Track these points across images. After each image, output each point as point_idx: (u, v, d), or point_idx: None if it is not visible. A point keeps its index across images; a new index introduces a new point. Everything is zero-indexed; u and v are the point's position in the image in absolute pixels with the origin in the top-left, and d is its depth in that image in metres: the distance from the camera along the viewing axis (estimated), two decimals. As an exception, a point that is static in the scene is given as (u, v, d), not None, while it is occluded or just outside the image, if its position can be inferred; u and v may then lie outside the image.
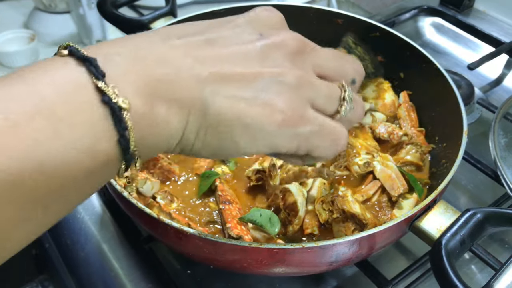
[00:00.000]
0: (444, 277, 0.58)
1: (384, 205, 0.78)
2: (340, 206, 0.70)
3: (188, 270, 0.77)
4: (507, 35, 1.29)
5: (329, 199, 0.71)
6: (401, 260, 0.80)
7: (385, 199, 0.79)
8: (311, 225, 0.72)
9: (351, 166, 0.77)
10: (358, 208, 0.70)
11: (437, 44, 1.32)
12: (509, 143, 0.88)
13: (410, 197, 0.79)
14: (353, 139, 0.81)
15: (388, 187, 0.78)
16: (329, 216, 0.71)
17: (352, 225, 0.70)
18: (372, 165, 0.78)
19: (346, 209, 0.70)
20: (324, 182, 0.77)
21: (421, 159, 0.84)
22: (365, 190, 0.78)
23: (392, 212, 0.77)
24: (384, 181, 0.78)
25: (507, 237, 0.84)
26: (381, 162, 0.79)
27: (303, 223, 0.72)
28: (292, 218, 0.71)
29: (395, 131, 0.87)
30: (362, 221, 0.69)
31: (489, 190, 0.92)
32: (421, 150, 0.84)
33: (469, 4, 1.41)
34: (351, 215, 0.70)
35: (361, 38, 1.02)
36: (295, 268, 0.64)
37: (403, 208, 0.77)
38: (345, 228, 0.70)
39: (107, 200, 0.87)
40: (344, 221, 0.71)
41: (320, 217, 0.71)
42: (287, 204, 0.71)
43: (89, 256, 0.79)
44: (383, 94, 0.95)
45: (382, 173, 0.78)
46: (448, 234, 0.62)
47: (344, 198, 0.71)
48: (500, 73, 1.21)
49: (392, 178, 0.78)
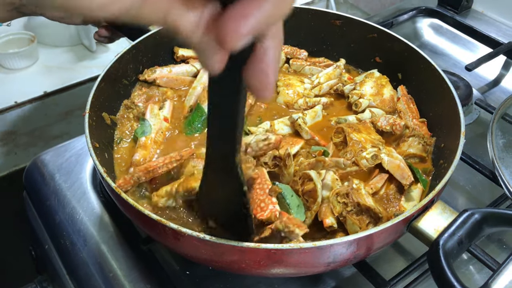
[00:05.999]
0: (442, 277, 0.59)
1: (392, 197, 0.78)
2: (355, 199, 0.70)
3: (187, 271, 0.77)
4: (505, 36, 1.30)
5: (344, 191, 0.71)
6: (399, 260, 0.80)
7: (392, 191, 0.79)
8: (329, 213, 0.70)
9: (359, 161, 0.77)
10: (371, 201, 0.70)
11: (435, 45, 1.32)
12: (507, 143, 0.88)
13: (416, 187, 0.79)
14: (357, 134, 0.81)
15: (399, 177, 0.78)
16: (343, 209, 0.70)
17: (367, 218, 0.70)
18: (379, 157, 0.78)
19: (361, 202, 0.69)
20: (336, 177, 0.77)
21: (424, 150, 0.84)
22: (373, 183, 0.78)
23: (400, 203, 0.77)
24: (394, 171, 0.78)
25: (505, 237, 0.84)
26: (387, 154, 0.79)
27: (319, 212, 0.71)
28: (311, 204, 0.71)
29: (396, 121, 0.87)
30: (378, 214, 0.69)
31: (487, 190, 0.92)
32: (424, 141, 0.84)
33: (467, 5, 1.41)
34: (366, 208, 0.70)
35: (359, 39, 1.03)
36: (293, 268, 0.65)
37: (412, 198, 0.77)
38: (360, 221, 0.70)
39: (106, 202, 0.87)
40: (358, 214, 0.70)
41: (334, 209, 0.70)
42: (306, 190, 0.71)
43: (88, 257, 0.80)
44: (381, 90, 0.95)
45: (390, 163, 0.78)
46: (445, 234, 0.62)
47: (358, 191, 0.71)
48: (498, 74, 1.22)
49: (401, 168, 0.78)
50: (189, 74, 0.98)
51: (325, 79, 0.99)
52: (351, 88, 0.96)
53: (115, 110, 0.89)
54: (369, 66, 1.03)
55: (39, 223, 0.90)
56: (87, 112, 0.76)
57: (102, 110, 0.84)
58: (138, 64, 0.95)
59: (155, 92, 0.93)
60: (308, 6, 1.06)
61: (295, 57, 1.06)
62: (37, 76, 1.25)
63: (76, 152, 0.95)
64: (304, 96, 0.94)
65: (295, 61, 1.04)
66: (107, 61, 0.86)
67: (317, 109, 0.92)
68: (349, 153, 0.78)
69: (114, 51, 1.29)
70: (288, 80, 0.98)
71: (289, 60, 1.05)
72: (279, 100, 0.95)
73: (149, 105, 0.88)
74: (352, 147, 0.79)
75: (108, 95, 0.85)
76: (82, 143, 0.97)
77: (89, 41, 1.32)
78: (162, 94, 0.94)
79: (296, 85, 0.96)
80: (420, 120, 0.90)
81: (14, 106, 1.15)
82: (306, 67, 1.03)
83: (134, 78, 0.94)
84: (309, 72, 1.03)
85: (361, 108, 0.93)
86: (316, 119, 0.91)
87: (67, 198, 0.87)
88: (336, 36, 1.05)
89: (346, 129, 0.82)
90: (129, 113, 0.89)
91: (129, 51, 0.91)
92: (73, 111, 1.25)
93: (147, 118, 0.86)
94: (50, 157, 0.95)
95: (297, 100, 0.94)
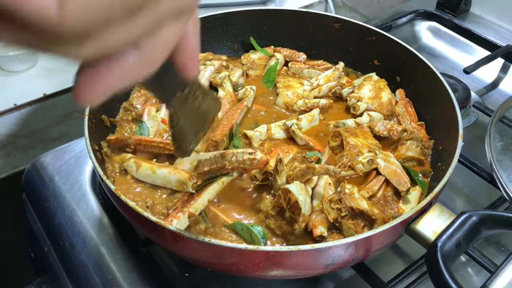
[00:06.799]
0: (440, 279, 0.59)
1: (390, 199, 0.78)
2: (348, 203, 0.70)
3: (186, 273, 0.77)
4: (503, 39, 1.30)
5: (337, 198, 0.71)
6: (398, 262, 0.80)
7: (390, 193, 0.79)
8: (319, 222, 0.71)
9: (355, 165, 0.77)
10: (365, 205, 0.71)
11: (434, 48, 1.33)
12: (505, 146, 0.89)
13: (414, 189, 0.79)
14: (354, 139, 0.82)
15: (396, 183, 0.78)
16: (337, 215, 0.71)
17: (362, 221, 0.70)
18: (375, 162, 0.78)
19: (354, 206, 0.70)
20: (330, 182, 0.77)
21: (422, 153, 0.84)
22: (370, 186, 0.78)
23: (398, 205, 0.77)
24: (390, 177, 0.79)
25: (503, 239, 0.84)
26: (383, 159, 0.80)
27: (309, 221, 0.72)
28: (297, 216, 0.71)
29: (394, 127, 0.87)
30: (371, 217, 0.69)
31: (484, 193, 0.92)
32: (422, 144, 0.84)
33: (466, 9, 1.42)
34: (359, 212, 0.70)
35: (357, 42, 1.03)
36: (292, 270, 0.65)
37: (410, 200, 0.78)
38: (355, 225, 0.70)
39: (105, 204, 0.87)
40: (353, 219, 0.71)
41: (329, 216, 0.71)
42: (291, 203, 0.71)
43: (87, 259, 0.80)
44: (379, 93, 0.95)
45: (386, 169, 0.79)
46: (443, 236, 0.62)
47: (351, 195, 0.71)
48: (496, 77, 1.22)
49: (398, 174, 0.78)
50: (188, 76, 0.98)
51: (324, 81, 0.99)
52: (349, 91, 0.96)
53: (115, 113, 0.89)
54: (367, 69, 1.03)
55: (39, 225, 0.90)
56: (86, 115, 0.77)
57: (102, 112, 0.84)
58: (138, 66, 0.95)
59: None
60: (307, 9, 1.06)
61: (294, 60, 1.06)
62: (37, 78, 1.25)
63: (75, 154, 0.96)
64: (303, 97, 0.95)
65: (294, 64, 1.05)
66: (107, 64, 0.86)
67: (314, 113, 0.92)
68: (345, 157, 0.79)
69: (114, 54, 1.29)
70: (288, 81, 0.98)
71: (288, 63, 1.06)
72: (278, 101, 0.96)
73: (146, 108, 0.89)
74: (349, 151, 0.79)
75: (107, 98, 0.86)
76: (81, 145, 0.97)
77: (89, 44, 1.32)
78: (161, 96, 0.94)
79: (295, 87, 0.97)
80: (418, 123, 0.91)
81: (14, 108, 1.15)
82: (304, 70, 1.04)
83: (133, 80, 0.95)
84: (308, 75, 1.04)
85: (359, 111, 0.93)
86: (313, 123, 0.92)
87: (66, 200, 0.87)
88: (335, 39, 1.06)
89: (343, 133, 0.83)
90: (128, 115, 0.89)
91: (129, 53, 0.91)
92: (72, 113, 1.25)
93: (145, 120, 0.87)
94: (50, 159, 0.95)
95: (297, 101, 0.94)
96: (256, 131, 0.86)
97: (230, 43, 1.09)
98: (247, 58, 1.05)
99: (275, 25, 1.06)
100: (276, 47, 1.08)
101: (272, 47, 1.08)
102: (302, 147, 0.86)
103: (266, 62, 1.04)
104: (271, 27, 1.07)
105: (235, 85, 0.97)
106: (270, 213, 0.72)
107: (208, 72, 0.96)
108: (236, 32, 1.08)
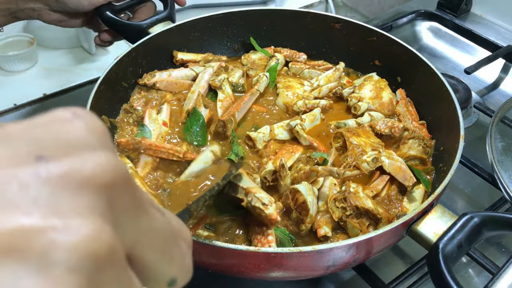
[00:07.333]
0: (441, 281, 0.59)
1: (393, 198, 0.78)
2: (353, 202, 0.70)
3: (186, 274, 0.77)
4: (504, 39, 1.30)
5: (342, 197, 0.71)
6: (399, 264, 0.80)
7: (394, 192, 0.79)
8: (323, 223, 0.71)
9: (360, 164, 0.77)
10: (370, 203, 0.70)
11: (434, 48, 1.33)
12: (506, 147, 0.88)
13: (418, 187, 0.79)
14: (356, 138, 0.81)
15: (401, 179, 0.78)
16: (342, 214, 0.71)
17: (367, 220, 0.70)
18: (380, 160, 0.78)
19: (359, 205, 0.70)
20: (335, 182, 0.77)
21: (424, 152, 0.84)
22: (374, 185, 0.78)
23: (402, 204, 0.77)
24: (395, 173, 0.78)
25: (504, 241, 0.84)
26: (387, 157, 0.79)
27: (315, 222, 0.72)
28: (304, 217, 0.71)
29: (395, 124, 0.87)
30: (376, 216, 0.69)
31: (486, 193, 0.92)
32: (424, 143, 0.84)
33: (466, 9, 1.42)
34: (364, 211, 0.70)
35: (358, 43, 1.03)
36: (293, 272, 0.65)
37: (414, 198, 0.77)
38: (360, 224, 0.70)
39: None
40: (358, 218, 0.70)
41: (334, 215, 0.71)
42: (298, 203, 0.71)
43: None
44: (380, 93, 0.95)
45: (391, 166, 0.78)
46: (445, 238, 0.62)
47: (356, 194, 0.71)
48: (497, 77, 1.22)
49: (403, 169, 0.78)
50: (189, 78, 0.98)
51: (325, 81, 0.99)
52: (350, 91, 0.96)
53: (115, 113, 0.89)
54: (368, 69, 1.03)
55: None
56: (86, 115, 0.76)
57: (102, 113, 0.84)
58: (138, 67, 0.95)
59: (154, 96, 0.93)
60: (308, 9, 1.06)
61: (294, 60, 1.06)
62: (37, 78, 1.25)
63: (75, 154, 0.95)
64: (303, 98, 0.94)
65: (294, 64, 1.05)
66: (107, 64, 0.86)
67: (316, 113, 0.92)
68: (350, 157, 0.78)
69: (114, 54, 1.29)
70: (288, 82, 0.98)
71: (288, 63, 1.05)
72: (278, 102, 0.95)
73: (147, 111, 0.88)
74: (352, 151, 0.79)
75: (107, 98, 0.85)
76: (81, 145, 0.96)
77: (89, 44, 1.32)
78: (161, 98, 0.93)
79: (295, 87, 0.96)
80: (419, 122, 0.90)
81: (13, 108, 1.15)
82: (305, 70, 1.03)
83: (133, 81, 0.94)
84: (308, 75, 1.03)
85: (360, 111, 0.93)
86: (314, 122, 0.91)
87: (66, 201, 0.87)
88: (335, 39, 1.06)
89: (345, 134, 0.82)
90: (128, 117, 0.88)
91: (129, 54, 0.91)
92: (72, 113, 1.25)
93: (146, 123, 0.86)
94: (49, 159, 0.94)
95: (297, 101, 0.94)
96: (259, 133, 0.85)
97: (230, 43, 1.09)
98: (248, 58, 1.05)
99: (276, 25, 1.06)
100: (277, 47, 1.08)
101: (273, 47, 1.08)
102: (306, 148, 0.86)
103: (267, 63, 1.04)
104: (271, 27, 1.07)
105: (235, 85, 0.97)
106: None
107: (207, 74, 0.96)
108: (236, 32, 1.08)
